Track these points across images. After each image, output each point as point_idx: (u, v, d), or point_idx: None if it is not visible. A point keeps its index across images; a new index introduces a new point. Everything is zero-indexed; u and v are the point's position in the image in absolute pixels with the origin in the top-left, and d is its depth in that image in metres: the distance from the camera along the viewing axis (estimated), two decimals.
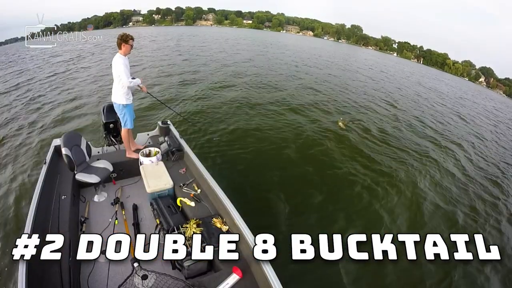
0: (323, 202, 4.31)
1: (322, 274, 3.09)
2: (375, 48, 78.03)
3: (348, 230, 3.78)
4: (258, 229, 2.22)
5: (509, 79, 64.61)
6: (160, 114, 7.00)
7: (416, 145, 7.32)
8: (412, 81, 22.64)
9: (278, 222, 3.74)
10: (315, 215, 4.02)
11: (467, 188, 5.71)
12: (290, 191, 4.50)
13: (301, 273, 3.04)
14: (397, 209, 4.50)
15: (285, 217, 3.88)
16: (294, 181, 4.81)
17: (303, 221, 3.86)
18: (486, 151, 8.62)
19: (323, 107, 9.41)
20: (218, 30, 58.89)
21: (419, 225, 4.30)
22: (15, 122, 6.79)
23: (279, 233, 3.51)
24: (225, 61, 16.76)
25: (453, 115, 12.64)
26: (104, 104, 3.85)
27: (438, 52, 73.05)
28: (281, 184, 4.67)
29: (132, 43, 3.18)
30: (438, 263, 1.75)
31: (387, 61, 40.35)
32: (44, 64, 15.22)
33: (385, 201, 4.62)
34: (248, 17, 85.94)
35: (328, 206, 4.24)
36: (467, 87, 36.51)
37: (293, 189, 4.59)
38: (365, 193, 4.74)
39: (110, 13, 71.02)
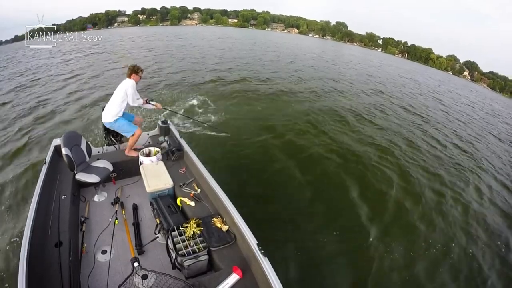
0: (322, 201, 4.32)
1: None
2: (359, 44, 78.65)
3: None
4: (258, 229, 2.22)
5: (493, 72, 65.53)
6: (159, 114, 6.99)
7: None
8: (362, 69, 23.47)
9: (278, 222, 3.73)
10: (315, 214, 4.02)
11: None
12: (291, 191, 4.51)
13: (301, 272, 3.05)
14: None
15: (285, 217, 3.87)
16: (294, 180, 4.81)
17: (303, 221, 3.86)
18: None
19: (320, 106, 9.46)
20: (203, 29, 58.67)
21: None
22: (16, 122, 6.80)
23: (279, 233, 3.52)
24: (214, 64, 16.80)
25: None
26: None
27: (422, 47, 74.00)
28: (282, 184, 4.67)
29: (142, 75, 3.44)
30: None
31: (368, 56, 41.96)
32: (45, 64, 15.22)
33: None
34: (234, 15, 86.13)
35: (328, 205, 4.25)
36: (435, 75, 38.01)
37: (294, 189, 4.59)
38: (356, 185, 4.87)
39: (95, 14, 70.62)
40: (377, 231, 3.86)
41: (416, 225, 4.20)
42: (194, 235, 2.28)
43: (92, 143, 3.45)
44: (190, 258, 2.10)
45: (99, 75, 11.94)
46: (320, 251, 3.41)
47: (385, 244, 3.66)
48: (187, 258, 2.09)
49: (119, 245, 2.44)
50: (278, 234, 3.47)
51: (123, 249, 2.41)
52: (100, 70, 13.00)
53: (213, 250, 2.20)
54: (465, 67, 69.26)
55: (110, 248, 2.37)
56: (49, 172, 2.87)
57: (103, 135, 3.79)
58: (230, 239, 2.27)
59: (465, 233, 4.30)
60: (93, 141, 5.30)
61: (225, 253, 2.19)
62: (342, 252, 3.44)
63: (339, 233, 3.71)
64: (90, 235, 2.53)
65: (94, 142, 5.22)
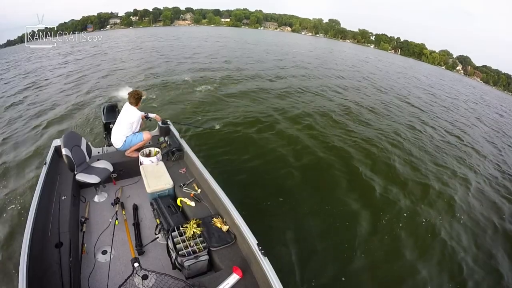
0: (323, 200, 4.32)
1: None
2: (352, 41, 78.68)
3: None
4: (259, 229, 2.22)
5: (487, 66, 65.20)
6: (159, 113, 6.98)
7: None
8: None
9: (279, 222, 3.73)
10: (316, 214, 4.02)
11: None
12: (292, 191, 4.50)
13: (301, 272, 3.05)
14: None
15: (286, 218, 3.87)
16: (294, 180, 4.80)
17: (304, 220, 3.86)
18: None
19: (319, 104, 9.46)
20: (197, 30, 58.31)
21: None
22: (15, 122, 6.81)
23: (280, 233, 3.52)
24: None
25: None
26: (104, 104, 3.85)
27: (415, 42, 73.83)
28: (282, 183, 4.67)
29: (143, 98, 3.52)
30: None
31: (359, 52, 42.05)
32: (44, 64, 15.23)
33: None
34: (226, 15, 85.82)
35: (326, 203, 4.26)
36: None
37: (294, 188, 4.58)
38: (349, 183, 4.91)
39: (87, 17, 69.91)
40: (382, 233, 3.86)
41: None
42: (194, 235, 2.28)
43: (92, 143, 3.45)
44: (190, 258, 2.10)
45: (99, 75, 11.95)
46: (320, 251, 3.41)
47: (388, 247, 3.66)
48: (187, 258, 2.09)
49: (119, 245, 2.45)
50: (279, 233, 3.47)
51: (123, 250, 2.41)
52: (100, 71, 13.02)
53: (213, 250, 2.20)
54: (458, 62, 69.27)
55: (110, 248, 2.37)
56: (49, 173, 2.87)
57: (103, 136, 3.79)
58: (230, 239, 2.27)
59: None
60: (93, 141, 5.30)
61: (225, 253, 2.19)
62: (342, 252, 3.44)
63: (340, 233, 3.71)
64: (90, 236, 2.53)
65: (94, 142, 5.22)
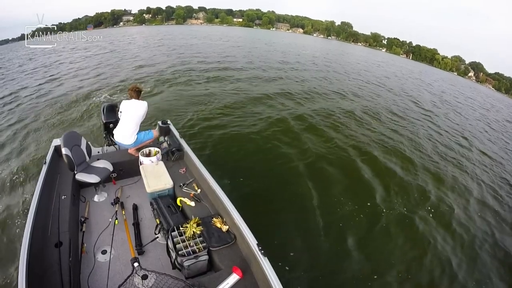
0: (321, 198, 4.32)
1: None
2: (364, 45, 78.89)
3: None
4: (259, 229, 2.22)
5: (499, 73, 65.20)
6: (159, 114, 6.99)
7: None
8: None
9: (279, 223, 3.73)
10: (317, 214, 4.03)
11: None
12: (292, 191, 4.50)
13: (301, 272, 3.05)
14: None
15: (286, 218, 3.87)
16: (296, 180, 4.80)
17: (305, 220, 3.86)
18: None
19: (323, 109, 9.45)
20: (211, 29, 58.40)
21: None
22: (15, 123, 6.80)
23: (280, 233, 3.52)
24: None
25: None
26: (104, 104, 3.84)
27: (427, 47, 74.20)
28: (282, 183, 4.67)
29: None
30: None
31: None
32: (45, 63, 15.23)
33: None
34: (239, 15, 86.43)
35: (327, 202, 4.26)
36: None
37: (295, 188, 4.59)
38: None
39: (101, 13, 70.75)
40: (381, 230, 3.87)
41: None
42: (194, 235, 2.28)
43: (92, 143, 3.45)
44: (190, 258, 2.10)
45: (100, 75, 11.94)
46: (321, 250, 3.41)
47: (392, 249, 3.66)
48: (187, 258, 2.09)
49: (119, 245, 2.45)
50: (279, 233, 3.47)
51: (123, 249, 2.41)
52: (101, 70, 13.02)
53: (213, 250, 2.20)
54: (470, 68, 69.39)
55: (110, 248, 2.37)
56: (49, 172, 2.87)
57: (103, 135, 3.79)
58: (230, 239, 2.27)
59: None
60: (93, 141, 5.29)
61: (225, 253, 2.19)
62: (343, 251, 3.44)
63: (340, 233, 3.72)
64: (90, 235, 2.53)
65: (94, 142, 5.21)
